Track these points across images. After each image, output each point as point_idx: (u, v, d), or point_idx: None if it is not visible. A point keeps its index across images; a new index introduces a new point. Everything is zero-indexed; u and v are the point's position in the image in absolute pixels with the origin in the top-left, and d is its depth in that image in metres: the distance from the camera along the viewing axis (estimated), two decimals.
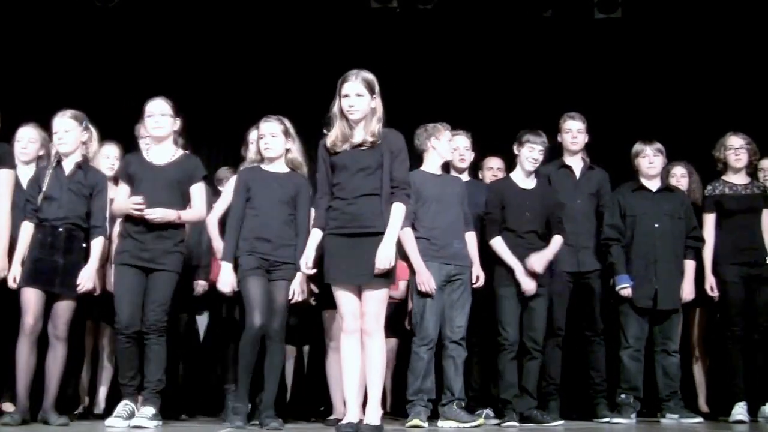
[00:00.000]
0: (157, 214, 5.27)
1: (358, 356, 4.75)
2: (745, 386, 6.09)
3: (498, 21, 8.59)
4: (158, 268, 5.30)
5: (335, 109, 4.79)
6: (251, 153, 5.66)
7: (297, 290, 5.39)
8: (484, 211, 5.99)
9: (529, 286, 5.81)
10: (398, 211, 4.72)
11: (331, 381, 5.78)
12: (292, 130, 5.55)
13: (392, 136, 4.79)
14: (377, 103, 4.76)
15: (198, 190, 5.44)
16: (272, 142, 5.48)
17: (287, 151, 5.52)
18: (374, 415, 4.71)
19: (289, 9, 8.48)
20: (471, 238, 5.85)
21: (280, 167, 5.51)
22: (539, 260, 5.85)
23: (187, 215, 5.41)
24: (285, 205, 5.41)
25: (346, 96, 4.74)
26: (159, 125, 5.41)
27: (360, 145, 4.76)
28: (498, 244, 5.89)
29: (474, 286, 5.80)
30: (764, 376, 6.12)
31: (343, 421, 4.75)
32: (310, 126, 5.46)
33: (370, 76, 4.76)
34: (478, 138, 6.32)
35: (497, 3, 8.52)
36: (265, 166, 5.52)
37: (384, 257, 4.66)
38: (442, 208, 5.71)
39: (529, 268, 5.82)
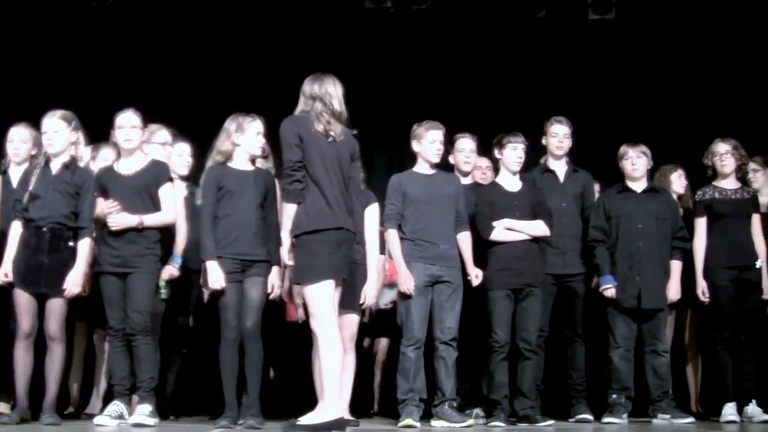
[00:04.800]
0: (117, 220, 5.33)
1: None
2: (734, 387, 6.12)
3: (492, 21, 8.59)
4: (133, 271, 5.34)
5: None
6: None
7: (275, 284, 5.39)
8: (475, 212, 5.94)
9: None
10: (284, 210, 4.60)
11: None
12: None
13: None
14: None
15: (164, 193, 5.46)
16: (262, 141, 5.50)
17: None
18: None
19: (284, 9, 8.48)
20: (466, 238, 5.82)
21: (249, 165, 5.50)
22: (512, 223, 5.83)
23: (152, 219, 5.41)
24: (258, 204, 5.40)
25: None
26: (129, 137, 5.44)
27: None
28: (500, 232, 5.85)
29: (474, 285, 5.77)
30: (749, 377, 6.14)
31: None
32: None
33: None
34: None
35: (491, 3, 8.52)
36: (233, 164, 5.46)
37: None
38: (428, 208, 5.68)
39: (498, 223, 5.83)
